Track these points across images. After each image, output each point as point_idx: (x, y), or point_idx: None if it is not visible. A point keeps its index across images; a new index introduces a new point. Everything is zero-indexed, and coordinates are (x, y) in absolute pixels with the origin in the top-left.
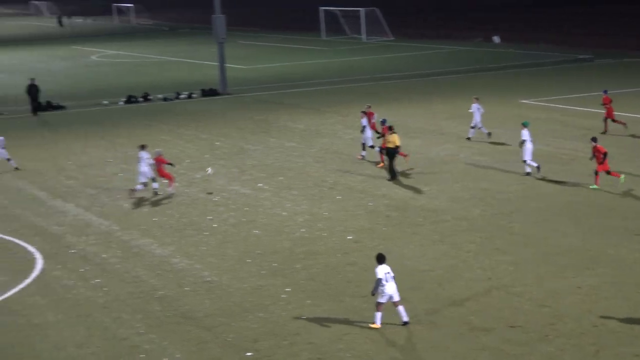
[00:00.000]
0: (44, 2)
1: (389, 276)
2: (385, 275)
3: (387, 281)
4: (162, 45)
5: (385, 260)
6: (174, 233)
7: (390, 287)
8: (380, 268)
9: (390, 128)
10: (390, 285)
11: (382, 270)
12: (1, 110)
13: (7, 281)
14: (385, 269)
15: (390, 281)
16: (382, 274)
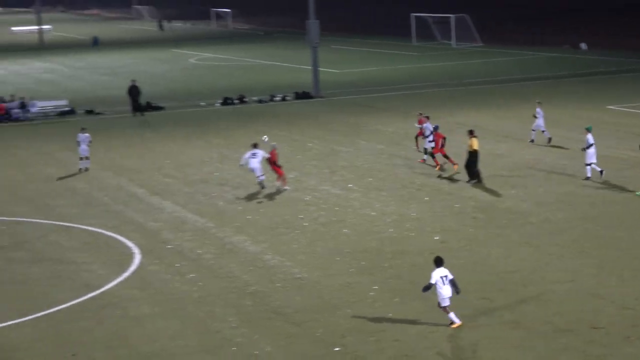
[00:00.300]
0: (145, 6)
1: (446, 279)
2: (442, 278)
3: (444, 284)
4: (258, 49)
5: (443, 264)
6: (267, 231)
7: (447, 290)
8: (436, 272)
9: (471, 132)
10: (446, 289)
11: (438, 273)
12: (103, 110)
13: (107, 274)
14: (442, 272)
15: (446, 284)
16: (436, 278)
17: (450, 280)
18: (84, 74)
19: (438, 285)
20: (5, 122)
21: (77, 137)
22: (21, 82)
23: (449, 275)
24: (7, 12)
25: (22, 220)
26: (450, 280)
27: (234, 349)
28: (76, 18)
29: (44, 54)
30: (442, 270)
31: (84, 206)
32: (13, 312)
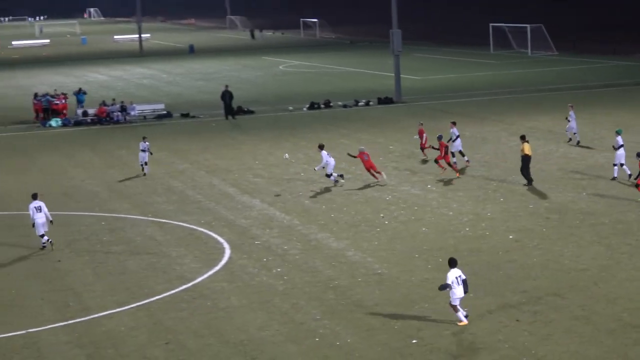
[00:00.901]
0: (238, 17)
1: (460, 279)
2: (456, 278)
3: (459, 284)
4: (343, 57)
5: (456, 264)
6: (349, 228)
7: (460, 290)
8: (451, 272)
9: (523, 137)
10: (459, 289)
11: (453, 274)
12: (198, 113)
13: (199, 268)
14: (456, 272)
15: (460, 284)
16: (452, 278)
17: (463, 280)
18: (181, 79)
19: (453, 285)
20: (107, 124)
21: (139, 145)
22: (122, 87)
23: (462, 275)
24: (110, 22)
25: (121, 216)
26: (463, 280)
27: (317, 339)
28: (173, 27)
29: (143, 60)
30: (456, 270)
31: (178, 203)
32: (112, 302)
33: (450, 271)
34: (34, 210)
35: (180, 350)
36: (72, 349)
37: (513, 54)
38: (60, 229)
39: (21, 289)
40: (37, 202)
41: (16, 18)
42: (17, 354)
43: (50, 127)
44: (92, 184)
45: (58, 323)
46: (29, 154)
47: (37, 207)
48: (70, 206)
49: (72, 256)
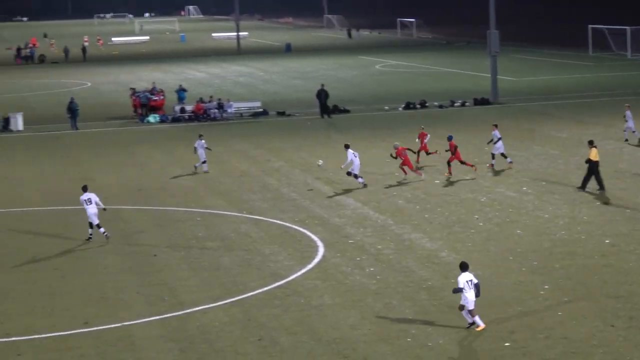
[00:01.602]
0: (335, 16)
1: (471, 284)
2: (467, 283)
3: (470, 288)
4: (439, 57)
5: (467, 269)
6: (443, 229)
7: (472, 294)
8: (462, 276)
9: (590, 143)
10: (471, 293)
11: (464, 278)
12: (294, 111)
13: (292, 265)
14: (467, 276)
15: (472, 289)
16: (463, 283)
17: (475, 285)
18: (277, 77)
19: (465, 289)
20: (204, 121)
21: (195, 143)
22: (219, 84)
23: (473, 280)
24: (208, 20)
25: (216, 213)
26: (475, 285)
27: (409, 340)
28: (271, 26)
29: (240, 58)
30: (467, 274)
31: (273, 201)
32: (206, 297)
33: (461, 275)
34: (85, 203)
35: (273, 346)
36: (165, 343)
37: (612, 56)
38: (156, 224)
39: (117, 283)
40: (87, 194)
41: (117, 15)
42: (112, 346)
43: (148, 122)
44: (188, 180)
45: (153, 317)
46: (127, 149)
47: (87, 200)
48: (166, 201)
49: (168, 251)
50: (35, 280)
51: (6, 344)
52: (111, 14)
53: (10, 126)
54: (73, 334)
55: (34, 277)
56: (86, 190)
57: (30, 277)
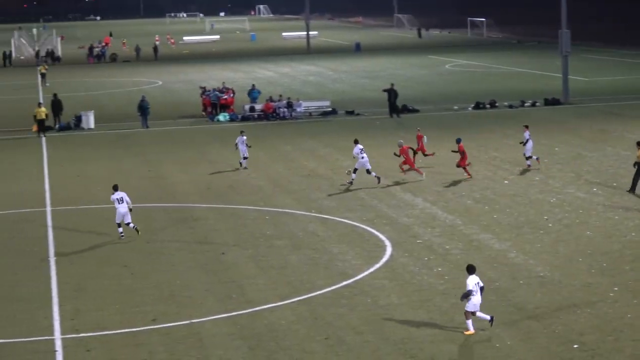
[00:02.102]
0: (405, 15)
1: (477, 286)
2: (475, 285)
3: (476, 291)
4: (510, 56)
5: (475, 271)
6: (512, 230)
7: (477, 298)
8: (470, 279)
9: (639, 144)
10: (477, 297)
11: (473, 280)
12: (363, 111)
13: (360, 264)
14: (475, 279)
15: (478, 292)
16: (472, 285)
17: (481, 287)
18: (346, 77)
19: (473, 292)
20: (273, 120)
21: (236, 139)
22: (289, 83)
23: (480, 282)
24: (278, 19)
25: (285, 211)
26: (481, 287)
27: (476, 340)
28: (341, 25)
29: (310, 58)
30: (475, 277)
31: (341, 200)
32: (274, 295)
33: (469, 277)
34: (117, 202)
35: (340, 345)
36: (234, 341)
37: None
38: (225, 222)
39: (186, 281)
40: (119, 194)
41: (189, 14)
42: (181, 343)
43: (218, 121)
44: (257, 178)
45: (221, 314)
46: (197, 148)
47: (119, 199)
48: (235, 200)
49: (236, 249)
50: (104, 277)
51: (75, 340)
52: (183, 13)
53: (82, 124)
54: (142, 330)
55: (104, 274)
56: (117, 189)
57: (99, 274)
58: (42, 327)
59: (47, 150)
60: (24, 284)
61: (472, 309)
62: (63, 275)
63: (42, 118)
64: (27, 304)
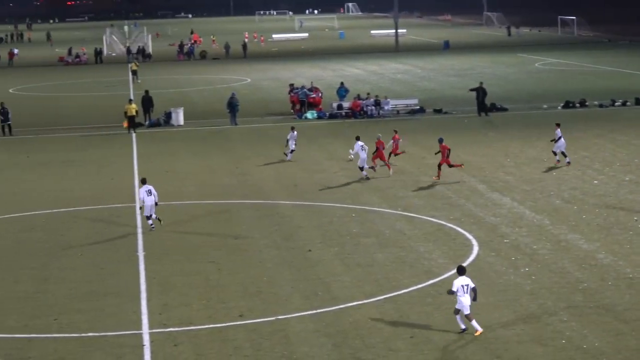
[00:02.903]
0: (494, 13)
1: (467, 288)
2: (462, 287)
3: (465, 293)
4: (601, 55)
5: (465, 272)
6: (601, 230)
7: (467, 299)
8: (457, 280)
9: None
10: (466, 298)
11: (459, 282)
12: (451, 109)
13: (446, 263)
14: (463, 280)
15: (467, 293)
16: (457, 286)
17: (472, 289)
18: (435, 75)
19: (459, 293)
20: (360, 118)
21: (287, 135)
22: (377, 81)
23: (470, 284)
24: (367, 17)
25: (371, 209)
26: (472, 289)
27: (563, 341)
28: (429, 23)
29: (398, 56)
30: (463, 279)
31: (428, 198)
32: (359, 293)
33: (457, 279)
34: (145, 194)
35: (425, 344)
36: (319, 338)
37: None
38: (311, 219)
39: (272, 277)
40: (147, 187)
41: (278, 12)
42: (266, 339)
43: (306, 119)
44: (344, 176)
45: (306, 311)
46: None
47: (148, 191)
48: (323, 197)
49: (323, 246)
50: (192, 273)
51: (163, 334)
52: (272, 11)
53: (171, 121)
54: (228, 326)
55: (191, 270)
56: (145, 182)
57: (187, 269)
58: (130, 322)
59: (136, 146)
60: (112, 278)
61: (467, 311)
62: (151, 270)
63: (132, 114)
64: (116, 298)
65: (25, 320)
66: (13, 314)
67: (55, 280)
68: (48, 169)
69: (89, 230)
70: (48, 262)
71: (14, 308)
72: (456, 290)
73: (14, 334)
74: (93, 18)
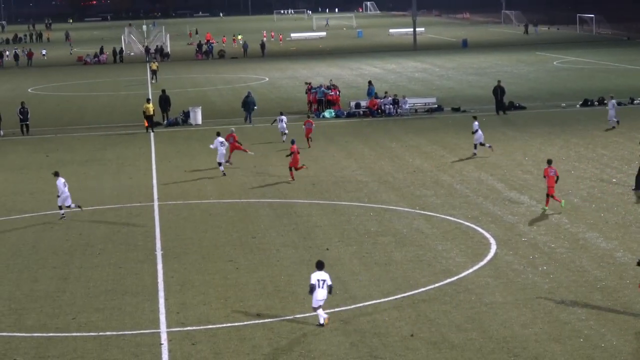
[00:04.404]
0: (513, 11)
1: (323, 283)
2: (318, 281)
3: (321, 287)
4: (620, 53)
5: (323, 267)
6: (619, 229)
7: (322, 293)
8: (314, 274)
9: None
10: (321, 292)
11: (316, 276)
12: (469, 108)
13: (464, 262)
14: (320, 275)
15: (323, 287)
16: (314, 280)
17: (329, 286)
18: (453, 73)
19: (316, 287)
20: (378, 116)
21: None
22: (395, 80)
23: (327, 281)
24: (385, 16)
25: (389, 208)
26: (329, 286)
27: (582, 340)
28: (448, 21)
29: (416, 54)
30: (321, 273)
31: (446, 197)
32: (377, 292)
33: (315, 273)
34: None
35: (443, 343)
36: (336, 337)
37: None
38: (329, 218)
39: (290, 276)
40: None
41: (297, 11)
42: (284, 338)
43: (324, 118)
44: (362, 175)
45: (324, 310)
46: (302, 144)
47: (64, 183)
48: (340, 196)
49: (341, 245)
50: (210, 272)
51: (181, 333)
52: (290, 10)
53: (189, 120)
54: (246, 325)
55: (209, 269)
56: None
57: (205, 268)
58: (149, 320)
59: (155, 145)
60: (130, 277)
61: (314, 304)
62: (169, 269)
63: (150, 114)
64: (134, 297)
65: (44, 319)
66: (32, 313)
67: (74, 279)
68: (67, 168)
69: (108, 229)
70: (67, 261)
71: (33, 307)
72: (315, 284)
73: (33, 332)
74: (113, 17)
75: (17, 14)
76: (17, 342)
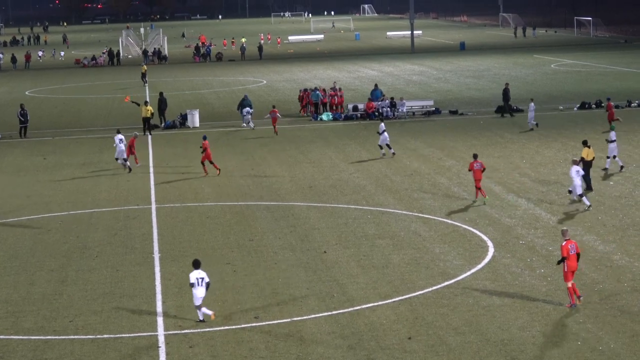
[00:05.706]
0: (510, 14)
1: (202, 281)
2: (197, 280)
3: (200, 285)
4: (617, 56)
5: (200, 266)
6: (617, 231)
7: (201, 291)
8: (193, 273)
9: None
10: (200, 290)
11: (194, 275)
12: (466, 111)
13: (462, 265)
14: (197, 274)
15: (201, 285)
16: (193, 279)
17: (206, 283)
18: (450, 76)
19: (195, 285)
20: (376, 119)
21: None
22: (392, 82)
23: (205, 278)
24: (383, 19)
25: (386, 211)
26: (206, 283)
27: (579, 343)
28: (445, 24)
29: (414, 57)
30: (199, 272)
31: (443, 200)
32: (375, 295)
33: (193, 272)
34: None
35: (440, 346)
36: (334, 339)
37: None
38: (327, 221)
39: (288, 279)
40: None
41: (294, 14)
42: (282, 341)
43: (321, 120)
44: (360, 178)
45: (322, 313)
46: (300, 146)
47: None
48: (338, 198)
49: (338, 248)
50: (208, 274)
51: (179, 336)
52: (288, 12)
53: (187, 123)
54: (244, 327)
55: (207, 271)
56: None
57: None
58: (146, 323)
59: (152, 148)
60: (128, 279)
61: (198, 302)
62: (166, 271)
63: (146, 116)
64: (131, 299)
65: (41, 322)
66: (29, 315)
67: (71, 282)
68: (65, 171)
69: (105, 232)
70: (64, 264)
71: (30, 310)
72: (194, 282)
73: (30, 335)
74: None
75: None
76: (14, 344)
